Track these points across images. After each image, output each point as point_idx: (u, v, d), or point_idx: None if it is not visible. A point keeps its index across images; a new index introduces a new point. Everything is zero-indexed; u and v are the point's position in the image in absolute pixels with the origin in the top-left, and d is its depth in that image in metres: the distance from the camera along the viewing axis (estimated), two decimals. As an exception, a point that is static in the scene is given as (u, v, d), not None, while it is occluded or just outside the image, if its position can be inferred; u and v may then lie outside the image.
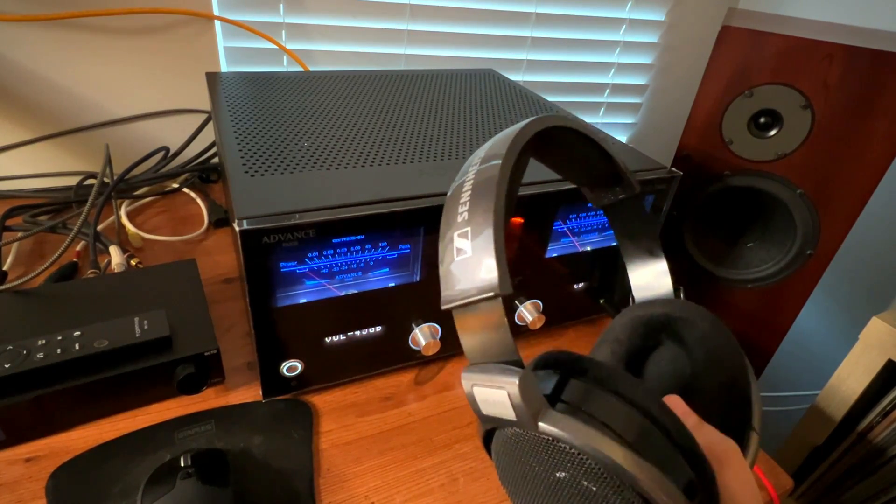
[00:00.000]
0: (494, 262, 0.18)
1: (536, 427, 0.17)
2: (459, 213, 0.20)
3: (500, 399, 0.18)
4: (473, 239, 0.19)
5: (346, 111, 0.55)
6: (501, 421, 0.18)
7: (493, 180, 0.20)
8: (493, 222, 0.19)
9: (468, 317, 0.19)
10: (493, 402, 0.18)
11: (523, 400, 0.17)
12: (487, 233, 0.19)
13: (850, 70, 0.75)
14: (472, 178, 0.21)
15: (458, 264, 0.19)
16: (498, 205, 0.19)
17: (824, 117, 0.78)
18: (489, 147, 0.22)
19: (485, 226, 0.19)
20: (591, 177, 0.29)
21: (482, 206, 0.19)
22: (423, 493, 0.39)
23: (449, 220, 0.21)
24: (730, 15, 0.84)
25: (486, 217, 0.19)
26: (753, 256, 0.94)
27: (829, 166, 0.80)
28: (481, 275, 0.19)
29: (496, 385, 0.18)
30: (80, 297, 0.46)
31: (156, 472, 0.34)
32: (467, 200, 0.20)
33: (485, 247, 0.19)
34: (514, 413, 0.18)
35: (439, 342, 0.46)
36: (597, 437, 0.17)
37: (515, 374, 0.17)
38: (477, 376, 0.19)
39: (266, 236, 0.35)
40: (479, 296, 0.19)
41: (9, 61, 0.64)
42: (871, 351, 0.71)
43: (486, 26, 0.88)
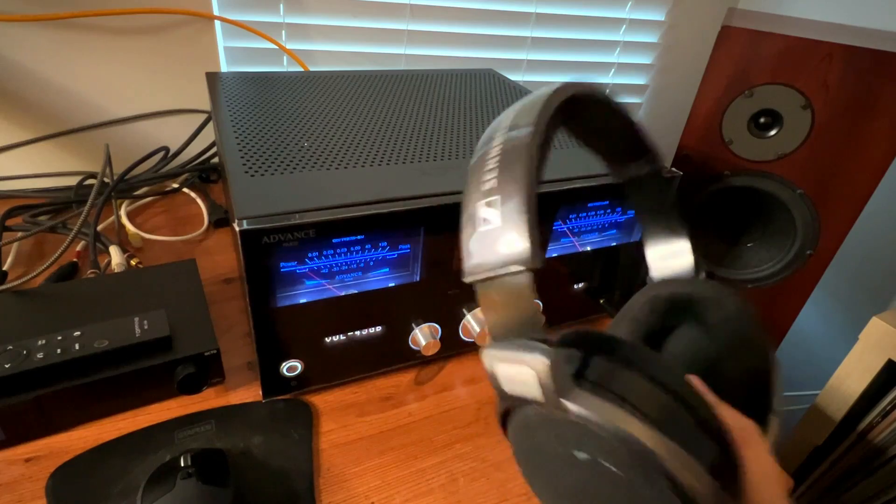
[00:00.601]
0: (526, 232, 0.17)
1: (564, 407, 0.17)
2: (485, 180, 0.19)
3: (527, 378, 0.17)
4: (503, 207, 0.18)
5: (346, 111, 0.55)
6: (525, 400, 0.18)
7: (523, 147, 0.18)
8: (525, 192, 0.17)
9: (493, 291, 0.18)
10: (518, 381, 0.17)
11: (553, 379, 0.17)
12: (518, 202, 0.17)
13: (850, 70, 0.75)
14: (500, 145, 0.19)
15: (484, 235, 0.18)
16: (531, 173, 0.18)
17: (824, 117, 0.78)
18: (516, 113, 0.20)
19: (516, 195, 0.18)
20: (614, 149, 0.27)
21: (513, 175, 0.18)
22: (423, 493, 0.39)
23: (473, 188, 0.19)
24: (730, 15, 0.84)
25: (517, 186, 0.18)
26: (753, 256, 0.94)
27: (829, 166, 0.80)
28: (510, 247, 0.17)
29: (523, 363, 0.17)
30: (80, 297, 0.46)
31: (156, 472, 0.34)
32: (495, 167, 0.19)
33: (515, 217, 0.17)
34: (542, 392, 0.17)
35: (439, 342, 0.46)
36: (624, 418, 0.16)
37: (544, 352, 0.17)
38: (501, 353, 0.18)
39: (266, 236, 0.35)
40: (507, 269, 0.17)
41: (9, 61, 0.64)
42: (871, 351, 0.71)
43: (486, 26, 0.88)
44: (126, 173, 0.65)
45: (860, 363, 0.72)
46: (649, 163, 0.27)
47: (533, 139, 0.18)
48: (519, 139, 0.19)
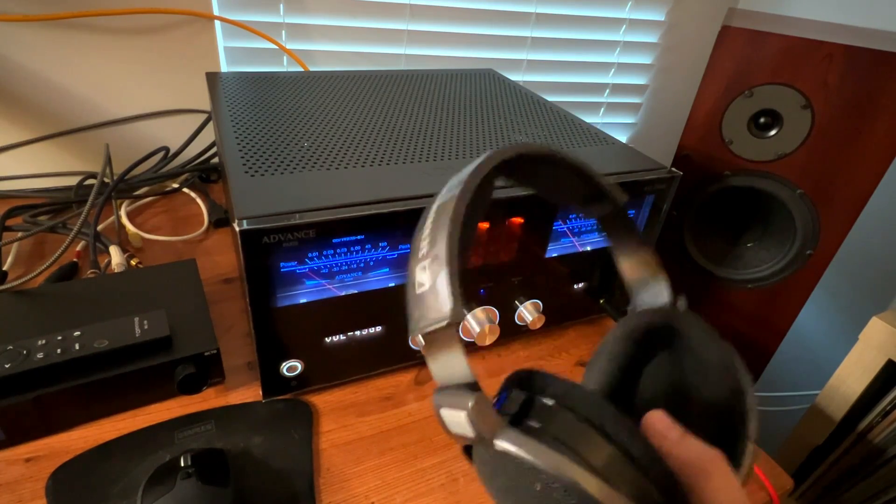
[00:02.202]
0: (449, 292, 0.19)
1: (493, 445, 0.19)
2: (421, 246, 0.21)
3: (461, 419, 0.19)
4: (431, 272, 0.20)
5: (346, 111, 0.55)
6: (466, 438, 0.19)
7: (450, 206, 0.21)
8: (447, 254, 0.20)
9: (431, 344, 0.21)
10: (456, 422, 0.19)
11: (478, 420, 0.19)
12: (443, 266, 0.20)
13: (850, 70, 0.75)
14: (434, 210, 0.22)
15: (419, 297, 0.21)
16: (454, 231, 0.20)
17: (824, 117, 0.79)
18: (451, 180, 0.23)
19: (441, 258, 0.20)
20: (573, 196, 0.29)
21: (440, 235, 0.20)
22: (423, 493, 0.39)
23: (412, 253, 0.22)
24: (730, 15, 0.84)
25: (441, 250, 0.20)
26: (753, 256, 0.94)
27: (829, 166, 0.80)
28: (437, 305, 0.20)
29: (456, 406, 0.19)
30: (80, 297, 0.46)
31: (156, 472, 0.34)
32: (428, 233, 0.21)
33: (441, 279, 0.20)
34: (473, 432, 0.19)
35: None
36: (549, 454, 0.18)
37: (470, 396, 0.19)
38: (441, 398, 0.20)
39: (266, 236, 0.35)
40: (436, 325, 0.20)
41: (9, 61, 0.64)
42: (871, 351, 0.71)
43: (486, 26, 0.88)
44: (126, 173, 0.65)
45: (860, 363, 0.72)
46: (610, 203, 0.28)
47: (461, 197, 0.21)
48: (448, 199, 0.21)
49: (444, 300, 0.19)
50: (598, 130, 0.58)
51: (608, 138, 0.56)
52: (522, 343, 0.54)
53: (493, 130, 0.54)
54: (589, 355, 0.54)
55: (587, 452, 0.18)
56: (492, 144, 0.51)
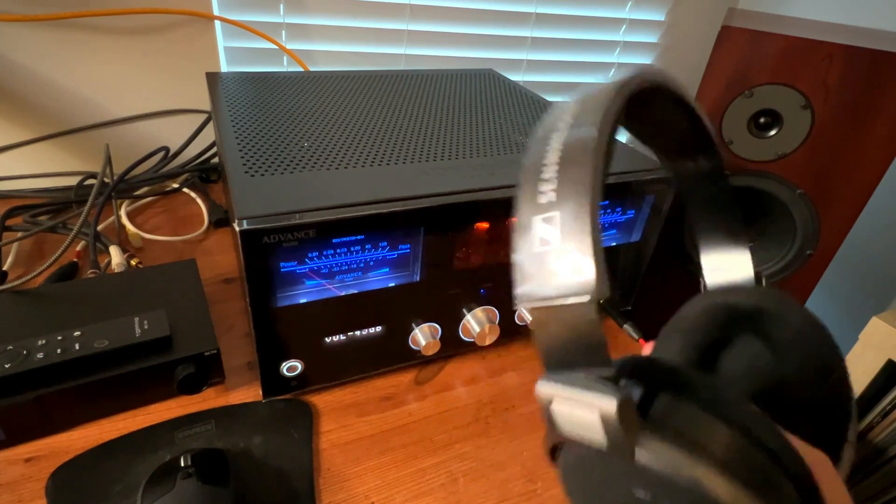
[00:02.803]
0: (592, 257, 0.15)
1: (633, 458, 0.15)
2: (542, 191, 0.16)
3: (591, 421, 0.15)
4: (564, 227, 0.15)
5: (346, 111, 0.55)
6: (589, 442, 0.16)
7: (587, 155, 0.16)
8: (589, 208, 0.15)
9: (552, 319, 0.16)
10: (579, 423, 0.15)
11: (622, 427, 0.15)
12: (582, 220, 0.15)
13: (850, 70, 0.75)
14: (560, 149, 0.16)
15: (542, 257, 0.16)
16: (595, 185, 0.15)
17: (824, 117, 0.79)
18: (577, 108, 0.17)
19: (579, 212, 0.15)
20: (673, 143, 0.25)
21: (575, 186, 0.16)
22: (423, 493, 0.39)
23: (528, 197, 0.17)
24: (730, 15, 0.84)
25: (580, 200, 0.15)
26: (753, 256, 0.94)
27: (829, 166, 0.80)
28: (573, 273, 0.15)
29: (586, 403, 0.15)
30: (80, 297, 0.46)
31: (156, 472, 0.34)
32: (554, 177, 0.16)
33: (579, 238, 0.15)
34: (607, 439, 0.15)
35: (439, 342, 0.46)
36: (698, 469, 0.15)
37: (612, 393, 0.15)
38: (560, 389, 0.16)
39: (266, 236, 0.35)
40: (570, 298, 0.15)
41: (9, 61, 0.64)
42: (871, 351, 0.71)
43: (486, 26, 0.88)
44: (126, 173, 0.65)
45: (860, 363, 0.72)
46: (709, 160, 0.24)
47: (598, 145, 0.16)
48: (582, 143, 0.16)
49: (584, 269, 0.15)
50: (598, 130, 0.58)
51: (608, 138, 0.56)
52: (522, 343, 0.54)
53: (493, 130, 0.54)
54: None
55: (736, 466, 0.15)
56: (492, 144, 0.51)
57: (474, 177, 0.44)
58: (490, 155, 0.48)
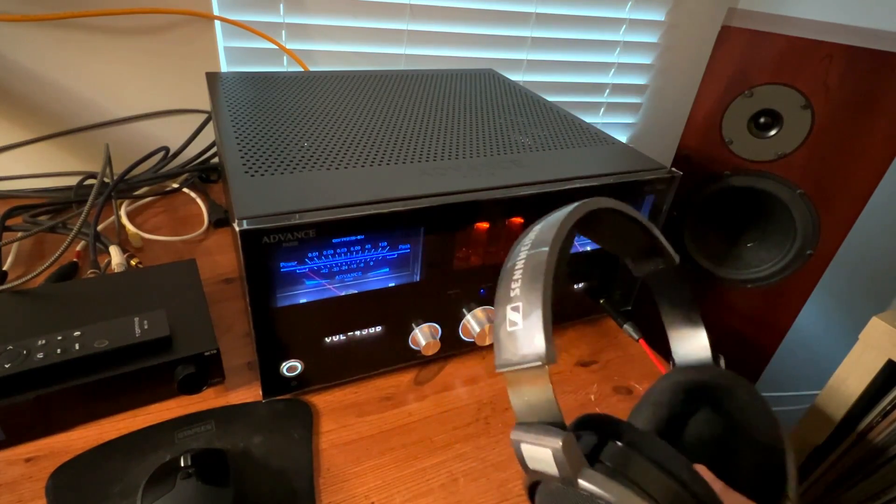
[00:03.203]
0: (542, 336, 0.21)
1: (577, 484, 0.20)
2: (512, 288, 0.23)
3: (545, 457, 0.20)
4: (524, 314, 0.22)
5: (347, 111, 0.55)
6: (546, 476, 0.21)
7: (541, 266, 0.22)
8: (541, 302, 0.21)
9: (518, 381, 0.22)
10: (538, 459, 0.20)
11: (566, 458, 0.19)
12: (537, 311, 0.21)
13: (850, 70, 0.75)
14: (523, 261, 0.24)
15: (511, 335, 0.22)
16: (546, 287, 0.22)
17: (824, 117, 0.78)
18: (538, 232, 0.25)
19: (535, 304, 0.22)
20: (632, 249, 0.31)
21: (532, 287, 0.22)
22: (423, 493, 0.39)
23: (502, 293, 0.23)
24: (730, 15, 0.84)
25: (535, 297, 0.22)
26: (753, 256, 0.94)
27: (829, 166, 0.80)
28: (530, 346, 0.21)
29: (541, 444, 0.20)
30: (80, 297, 0.46)
31: (156, 472, 0.34)
32: (519, 279, 0.23)
33: (535, 322, 0.21)
34: (557, 470, 0.20)
35: (439, 342, 0.46)
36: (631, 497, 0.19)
37: (559, 434, 0.20)
38: (524, 434, 0.21)
39: (266, 236, 0.35)
40: (529, 364, 0.21)
41: (9, 61, 0.64)
42: (871, 351, 0.71)
43: (486, 26, 0.88)
44: (126, 173, 0.65)
45: (860, 363, 0.72)
46: (664, 261, 0.30)
47: (550, 257, 0.23)
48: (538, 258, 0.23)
49: (538, 342, 0.21)
50: (598, 130, 0.58)
51: (608, 138, 0.56)
52: (522, 343, 0.54)
53: (493, 130, 0.54)
54: (589, 355, 0.54)
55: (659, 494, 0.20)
56: (492, 144, 0.51)
57: (474, 177, 0.44)
58: (490, 155, 0.48)
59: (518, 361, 0.21)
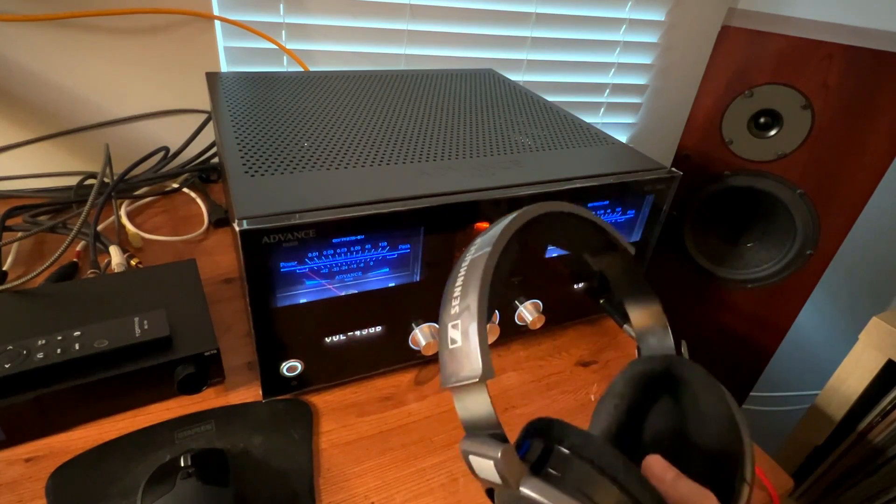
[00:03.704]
0: (479, 353, 0.22)
1: (518, 492, 0.21)
2: (452, 305, 0.24)
3: (489, 466, 0.21)
4: (462, 331, 0.22)
5: (346, 111, 0.55)
6: (492, 483, 0.22)
7: (480, 268, 0.23)
8: (476, 316, 0.22)
9: (461, 396, 0.23)
10: (483, 469, 0.21)
11: (505, 469, 0.21)
12: (472, 326, 0.22)
13: (850, 70, 0.75)
14: (464, 269, 0.24)
15: (452, 352, 0.23)
16: (484, 296, 0.22)
17: (824, 117, 0.79)
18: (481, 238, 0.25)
19: (469, 320, 0.22)
20: (589, 246, 0.32)
21: (470, 300, 0.23)
22: (423, 493, 0.39)
23: (444, 308, 0.24)
24: (730, 15, 0.84)
25: (471, 311, 0.22)
26: (753, 256, 0.94)
27: (829, 166, 0.80)
28: (469, 362, 0.22)
29: (484, 455, 0.21)
30: (80, 297, 0.46)
31: (156, 472, 0.34)
32: (458, 295, 0.23)
33: (471, 339, 0.22)
34: (500, 479, 0.21)
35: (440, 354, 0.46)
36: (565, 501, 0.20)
37: (498, 446, 0.21)
38: (470, 446, 0.22)
39: (266, 236, 0.35)
40: (469, 381, 0.22)
41: (9, 61, 0.64)
42: (871, 351, 0.71)
43: (486, 26, 0.88)
44: (126, 173, 0.65)
45: (860, 363, 0.72)
46: (620, 254, 0.31)
47: (489, 259, 0.23)
48: (478, 257, 0.23)
49: (475, 359, 0.22)
50: (598, 130, 0.58)
51: (608, 138, 0.56)
52: (522, 343, 0.54)
53: (493, 130, 0.54)
54: (589, 355, 0.54)
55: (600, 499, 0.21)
56: (492, 144, 0.51)
57: (474, 177, 0.44)
58: (490, 155, 0.48)
59: (458, 378, 0.22)
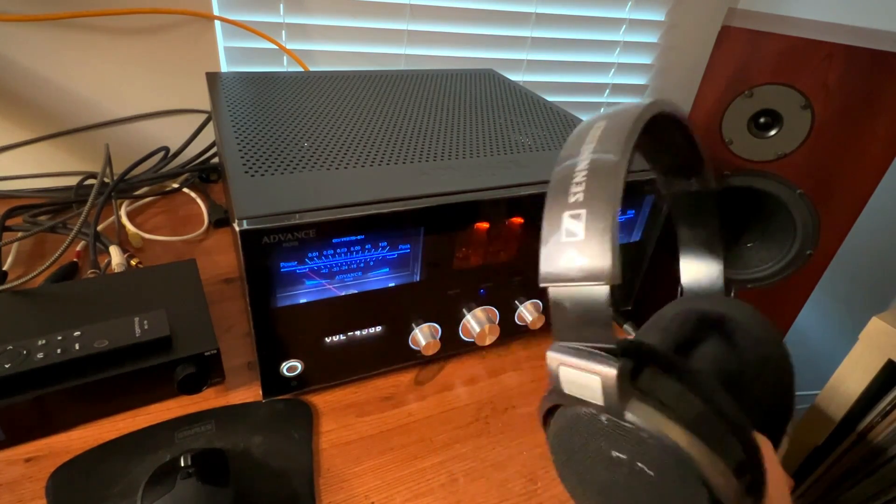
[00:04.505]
0: (610, 250, 0.18)
1: (623, 416, 0.18)
2: (572, 192, 0.20)
3: (591, 384, 0.18)
4: (589, 223, 0.19)
5: (346, 111, 0.55)
6: (584, 403, 0.19)
7: (611, 172, 0.19)
8: (612, 213, 0.19)
9: (570, 298, 0.19)
10: (580, 385, 0.19)
11: (618, 390, 0.18)
12: (605, 221, 0.19)
13: (850, 70, 0.75)
14: (588, 163, 0.20)
15: (568, 245, 0.19)
16: (617, 196, 0.19)
17: (824, 117, 0.79)
18: (605, 133, 0.21)
19: (603, 214, 0.19)
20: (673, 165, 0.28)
21: (601, 195, 0.19)
22: (423, 493, 0.39)
23: (559, 198, 0.20)
24: (730, 15, 0.84)
25: (604, 206, 0.19)
26: (753, 256, 0.94)
27: (829, 166, 0.80)
28: (594, 260, 0.19)
29: (590, 370, 0.18)
30: (80, 297, 0.46)
31: (156, 472, 0.34)
32: (583, 182, 0.20)
33: (601, 234, 0.19)
34: (604, 400, 0.18)
35: (439, 342, 0.46)
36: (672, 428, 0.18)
37: (613, 363, 0.18)
38: (568, 358, 0.19)
39: (266, 236, 0.35)
40: (589, 281, 0.19)
41: (9, 61, 0.64)
42: (871, 351, 0.71)
43: (486, 26, 0.88)
44: (126, 173, 0.65)
45: (860, 363, 0.72)
46: (701, 182, 0.28)
47: (620, 166, 0.19)
48: (608, 163, 0.20)
49: (604, 258, 0.18)
50: (598, 130, 0.58)
51: (608, 138, 0.56)
52: (522, 343, 0.54)
53: (493, 130, 0.54)
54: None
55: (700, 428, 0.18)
56: (492, 144, 0.51)
57: (474, 177, 0.44)
58: (490, 155, 0.48)
59: (574, 276, 0.19)
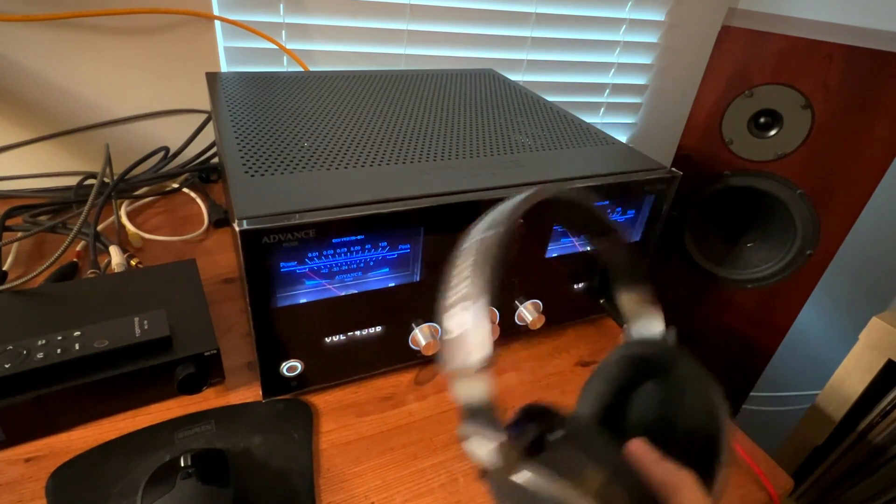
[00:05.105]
0: (484, 341, 0.22)
1: (510, 479, 0.23)
2: (451, 292, 0.24)
3: (485, 452, 0.23)
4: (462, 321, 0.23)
5: (346, 111, 0.55)
6: (489, 468, 0.23)
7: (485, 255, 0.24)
8: (483, 302, 0.23)
9: (462, 381, 0.23)
10: (482, 454, 0.23)
11: (502, 456, 0.22)
12: (478, 314, 0.23)
13: (850, 70, 0.75)
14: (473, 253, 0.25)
15: (452, 340, 0.23)
16: (488, 281, 0.23)
17: (824, 117, 0.78)
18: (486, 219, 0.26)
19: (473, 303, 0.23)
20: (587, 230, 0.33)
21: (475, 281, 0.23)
22: (423, 493, 0.39)
23: (449, 290, 0.24)
24: (730, 15, 0.84)
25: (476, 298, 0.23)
26: (753, 256, 0.94)
27: (829, 166, 0.80)
28: (471, 352, 0.23)
29: (483, 440, 0.23)
30: (80, 297, 0.46)
31: (156, 472, 0.34)
32: (468, 276, 0.24)
33: (474, 324, 0.23)
34: (496, 464, 0.22)
35: (439, 342, 0.46)
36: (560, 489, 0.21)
37: (496, 436, 0.22)
38: (470, 430, 0.23)
39: (266, 236, 0.35)
40: (470, 369, 0.23)
41: (9, 61, 0.64)
42: (871, 351, 0.71)
43: (486, 26, 0.88)
44: (126, 173, 0.65)
45: (860, 363, 0.72)
46: (615, 237, 0.32)
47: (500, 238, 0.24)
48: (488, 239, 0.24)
49: (475, 347, 0.22)
50: (598, 130, 0.58)
51: (608, 138, 0.56)
52: (522, 343, 0.54)
53: (493, 130, 0.54)
54: (589, 355, 0.54)
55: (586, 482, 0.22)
56: (492, 144, 0.51)
57: (474, 177, 0.44)
58: (490, 155, 0.48)
59: (460, 366, 0.23)
